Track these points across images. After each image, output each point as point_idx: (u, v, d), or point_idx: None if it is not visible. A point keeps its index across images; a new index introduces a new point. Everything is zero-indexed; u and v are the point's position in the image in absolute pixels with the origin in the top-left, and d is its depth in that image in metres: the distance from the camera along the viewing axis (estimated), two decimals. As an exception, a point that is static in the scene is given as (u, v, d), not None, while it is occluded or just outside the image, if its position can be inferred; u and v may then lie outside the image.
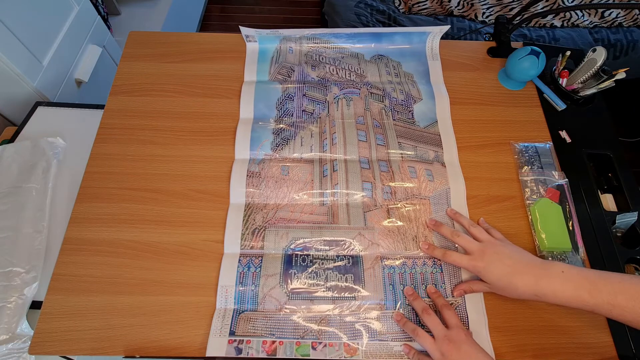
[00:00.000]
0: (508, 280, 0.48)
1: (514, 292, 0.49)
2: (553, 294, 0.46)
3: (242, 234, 0.58)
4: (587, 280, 0.45)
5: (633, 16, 1.47)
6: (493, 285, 0.50)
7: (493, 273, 0.50)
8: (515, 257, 0.50)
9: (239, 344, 0.50)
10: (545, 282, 0.47)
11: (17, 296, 0.61)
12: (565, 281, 0.46)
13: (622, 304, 0.43)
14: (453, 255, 0.54)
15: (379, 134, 0.67)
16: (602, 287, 0.44)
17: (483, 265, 0.50)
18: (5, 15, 0.85)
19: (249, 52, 0.76)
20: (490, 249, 0.51)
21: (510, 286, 0.48)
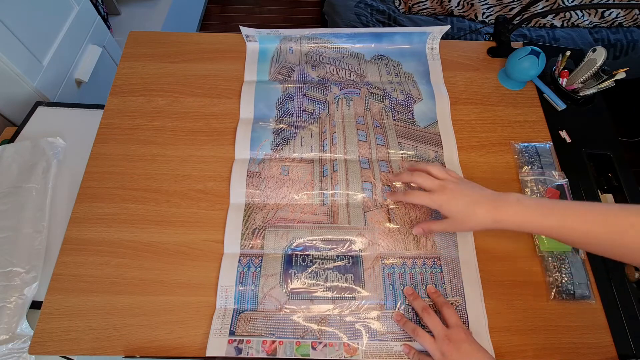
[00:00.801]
0: (469, 210, 0.50)
1: (474, 221, 0.50)
2: (509, 218, 0.48)
3: (242, 234, 0.58)
4: (541, 205, 0.47)
5: (633, 16, 1.47)
6: (453, 218, 0.51)
7: (454, 205, 0.51)
8: (474, 189, 0.52)
9: (239, 343, 0.50)
10: (503, 208, 0.48)
11: (17, 296, 0.61)
12: (520, 206, 0.48)
13: (570, 225, 0.45)
14: (414, 193, 0.55)
15: (379, 134, 0.67)
16: (554, 210, 0.46)
17: (445, 199, 0.52)
18: (5, 15, 0.85)
19: (249, 52, 0.76)
20: (450, 184, 0.53)
21: (471, 216, 0.50)
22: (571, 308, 0.55)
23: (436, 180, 0.54)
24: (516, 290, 0.56)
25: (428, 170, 0.56)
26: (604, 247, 0.45)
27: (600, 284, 0.56)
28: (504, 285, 0.56)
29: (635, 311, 0.54)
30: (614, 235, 0.43)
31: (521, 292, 0.56)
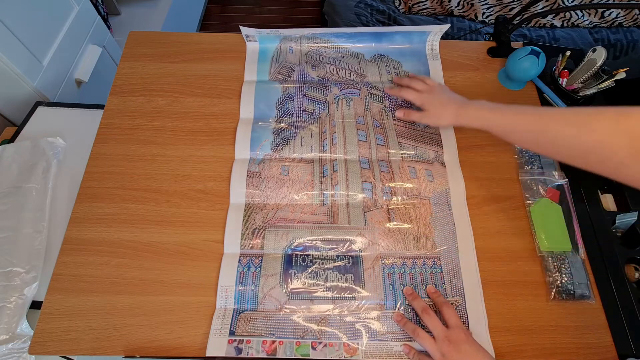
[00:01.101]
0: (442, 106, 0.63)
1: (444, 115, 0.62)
2: (468, 114, 0.59)
3: (242, 234, 0.58)
4: (495, 106, 0.57)
5: (633, 16, 1.47)
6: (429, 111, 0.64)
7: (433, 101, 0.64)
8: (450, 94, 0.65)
9: (239, 343, 0.50)
10: (466, 106, 0.60)
11: (17, 296, 0.61)
12: (479, 105, 0.58)
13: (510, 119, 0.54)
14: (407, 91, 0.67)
15: (379, 134, 0.67)
16: (503, 109, 0.55)
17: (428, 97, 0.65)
18: (5, 15, 0.85)
19: (249, 51, 0.76)
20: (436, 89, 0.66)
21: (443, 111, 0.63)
22: (571, 308, 0.55)
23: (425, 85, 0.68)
24: (516, 290, 0.56)
25: (413, 86, 0.68)
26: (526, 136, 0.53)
27: (600, 284, 0.56)
28: (504, 285, 0.56)
29: (635, 311, 0.54)
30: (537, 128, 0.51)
31: (521, 292, 0.56)
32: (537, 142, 0.52)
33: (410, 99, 0.67)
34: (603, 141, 0.45)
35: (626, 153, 0.43)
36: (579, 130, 0.46)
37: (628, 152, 0.43)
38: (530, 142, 0.53)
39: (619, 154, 0.44)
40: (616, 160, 0.44)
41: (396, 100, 0.71)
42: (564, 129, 0.48)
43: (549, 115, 0.50)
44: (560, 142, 0.49)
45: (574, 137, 0.47)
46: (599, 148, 0.45)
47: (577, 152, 0.48)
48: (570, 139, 0.47)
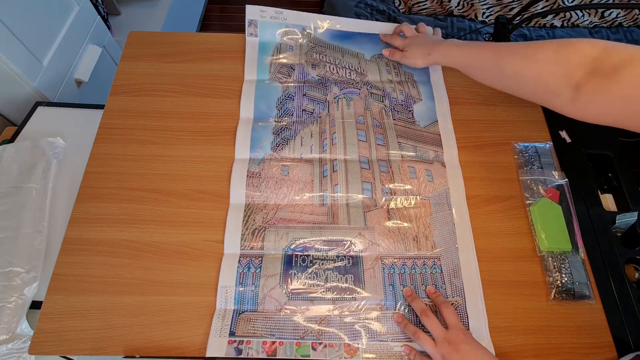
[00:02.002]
0: (414, 50, 0.69)
1: (416, 57, 0.69)
2: (436, 58, 0.65)
3: (242, 234, 0.58)
4: (463, 42, 0.61)
5: (633, 16, 1.47)
6: (406, 53, 0.71)
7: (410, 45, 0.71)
8: (424, 40, 0.69)
9: (239, 344, 0.50)
10: (433, 49, 0.65)
11: (17, 296, 0.61)
12: (445, 46, 0.64)
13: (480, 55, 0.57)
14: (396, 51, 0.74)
15: (379, 134, 0.67)
16: (466, 44, 0.61)
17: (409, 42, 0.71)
18: (5, 15, 0.85)
19: (248, 47, 0.76)
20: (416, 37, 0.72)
21: (414, 53, 0.69)
22: (571, 308, 0.55)
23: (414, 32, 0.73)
24: (516, 290, 0.56)
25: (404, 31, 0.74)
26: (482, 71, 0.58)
27: (600, 284, 0.56)
28: (504, 285, 0.56)
29: (635, 311, 0.54)
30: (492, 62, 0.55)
31: (521, 292, 0.56)
32: (493, 76, 0.56)
33: (397, 44, 0.73)
34: (545, 71, 0.47)
35: (561, 82, 0.46)
36: (526, 62, 0.49)
37: (563, 81, 0.46)
38: (488, 77, 0.57)
39: (557, 83, 0.46)
40: (554, 89, 0.47)
41: (396, 100, 0.71)
42: (514, 61, 0.51)
43: (503, 49, 0.54)
44: (511, 74, 0.52)
45: (522, 68, 0.50)
46: (542, 78, 0.48)
47: (526, 83, 0.51)
48: (520, 69, 0.51)
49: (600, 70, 0.44)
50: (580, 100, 0.45)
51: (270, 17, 0.75)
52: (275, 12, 0.75)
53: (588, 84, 0.45)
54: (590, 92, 0.44)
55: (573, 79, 0.45)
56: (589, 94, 0.45)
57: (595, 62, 0.44)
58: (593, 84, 0.44)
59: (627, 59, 0.42)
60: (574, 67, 0.45)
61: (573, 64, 0.45)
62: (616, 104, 0.43)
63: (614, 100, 0.43)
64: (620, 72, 0.42)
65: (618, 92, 0.43)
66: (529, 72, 0.50)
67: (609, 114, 0.45)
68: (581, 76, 0.45)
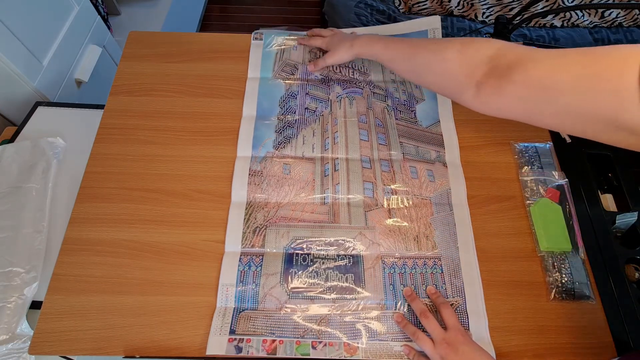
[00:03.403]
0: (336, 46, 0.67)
1: (339, 52, 0.67)
2: (359, 50, 0.64)
3: (243, 233, 0.58)
4: (384, 36, 0.62)
5: (633, 16, 1.47)
6: (329, 51, 0.69)
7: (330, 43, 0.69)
8: (344, 36, 0.68)
9: (239, 342, 0.50)
10: (355, 42, 0.64)
11: (17, 296, 0.61)
12: (367, 40, 0.63)
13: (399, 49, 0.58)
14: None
15: (381, 134, 0.67)
16: (393, 39, 0.60)
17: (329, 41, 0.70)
18: (5, 15, 0.85)
19: (253, 47, 0.76)
20: (336, 35, 0.71)
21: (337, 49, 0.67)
22: (571, 308, 0.55)
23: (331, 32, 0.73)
24: (516, 290, 0.56)
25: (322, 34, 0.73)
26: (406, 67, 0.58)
27: (600, 284, 0.56)
28: (504, 285, 0.56)
29: (635, 311, 0.54)
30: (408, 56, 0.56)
31: (521, 292, 0.56)
32: (409, 69, 0.58)
33: (317, 44, 0.72)
34: (451, 68, 0.49)
35: (465, 79, 0.48)
36: (435, 57, 0.51)
37: (466, 79, 0.47)
38: (405, 70, 0.58)
39: (461, 80, 0.48)
40: (459, 85, 0.49)
41: (399, 100, 0.71)
42: (427, 56, 0.53)
43: (418, 44, 0.56)
44: (422, 68, 0.54)
45: (432, 64, 0.52)
46: (449, 74, 0.50)
47: (436, 78, 0.53)
48: (430, 65, 0.53)
49: (497, 70, 0.45)
50: (481, 97, 0.47)
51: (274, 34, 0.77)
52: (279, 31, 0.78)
53: (487, 82, 0.46)
54: (489, 90, 0.46)
55: (474, 77, 0.47)
56: (488, 93, 0.46)
57: (492, 62, 0.46)
58: (491, 83, 0.46)
59: (519, 59, 0.44)
60: (475, 66, 0.47)
61: (474, 63, 0.47)
62: (513, 102, 0.45)
63: (511, 99, 0.45)
64: (513, 72, 0.43)
65: (513, 92, 0.44)
66: (437, 68, 0.52)
67: (509, 111, 0.47)
68: (481, 75, 0.47)
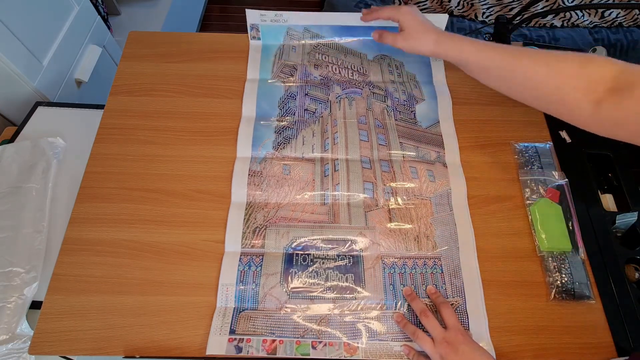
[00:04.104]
0: (419, 30, 0.59)
1: (420, 41, 0.59)
2: (446, 49, 0.58)
3: (243, 233, 0.58)
4: (473, 40, 0.56)
5: (633, 16, 1.47)
6: (406, 31, 0.60)
7: (412, 19, 0.60)
8: (428, 20, 0.61)
9: (239, 342, 0.50)
10: (443, 38, 0.58)
11: (17, 296, 0.61)
12: (457, 40, 0.57)
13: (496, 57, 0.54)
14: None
15: (381, 134, 0.67)
16: (481, 43, 0.55)
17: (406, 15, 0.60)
18: (5, 15, 0.85)
19: (252, 49, 0.76)
20: (414, 8, 0.62)
21: (419, 35, 0.59)
22: (571, 308, 0.55)
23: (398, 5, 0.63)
24: (516, 290, 0.56)
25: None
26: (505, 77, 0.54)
27: (600, 284, 0.56)
28: (504, 285, 0.56)
29: (635, 311, 0.54)
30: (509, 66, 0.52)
31: (521, 292, 0.56)
32: (506, 80, 0.54)
33: (387, 14, 0.62)
34: (567, 83, 0.48)
35: (581, 95, 0.47)
36: (549, 71, 0.49)
37: (583, 95, 0.47)
38: (501, 80, 0.55)
39: (577, 96, 0.47)
40: (573, 102, 0.48)
41: (399, 100, 0.71)
42: (535, 68, 0.50)
43: (521, 54, 0.52)
44: (529, 81, 0.51)
45: (543, 76, 0.49)
46: (563, 90, 0.48)
47: (542, 92, 0.51)
48: (540, 77, 0.50)
49: (618, 88, 0.45)
50: (598, 115, 0.47)
51: (271, 20, 0.75)
52: (275, 15, 0.75)
53: (607, 100, 0.46)
54: (608, 108, 0.46)
55: (593, 94, 0.47)
56: (607, 110, 0.46)
57: (614, 80, 0.46)
58: (611, 100, 0.46)
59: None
60: (596, 82, 0.47)
61: (594, 79, 0.47)
62: (630, 119, 0.45)
63: (629, 115, 0.45)
64: (635, 88, 0.44)
65: (633, 108, 0.44)
66: (550, 82, 0.49)
67: (624, 129, 0.47)
68: (602, 92, 0.46)
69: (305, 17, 0.75)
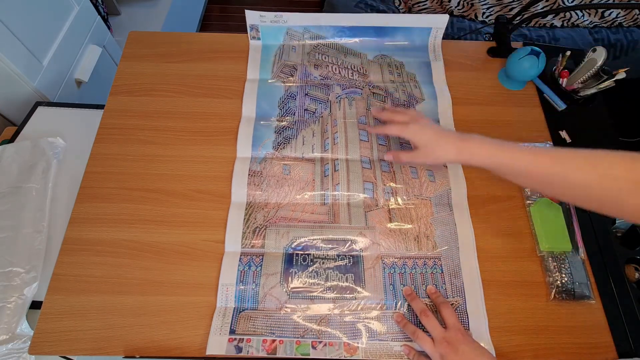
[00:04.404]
0: (436, 140, 0.55)
1: (440, 152, 0.55)
2: (473, 150, 0.53)
3: (243, 233, 0.58)
4: (499, 142, 0.52)
5: (633, 16, 1.47)
6: (422, 148, 0.56)
7: (424, 134, 0.56)
8: (440, 127, 0.58)
9: (239, 342, 0.50)
10: (468, 142, 0.53)
11: (17, 296, 0.61)
12: (484, 142, 0.53)
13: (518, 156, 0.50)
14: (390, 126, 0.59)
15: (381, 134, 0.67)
16: (511, 146, 0.51)
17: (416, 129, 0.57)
18: (5, 15, 0.85)
19: (251, 50, 0.76)
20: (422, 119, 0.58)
21: (438, 146, 0.55)
22: (571, 308, 0.55)
23: (410, 115, 0.59)
24: (516, 290, 0.56)
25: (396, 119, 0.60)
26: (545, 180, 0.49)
27: (600, 284, 0.56)
28: (504, 285, 0.56)
29: (635, 311, 0.54)
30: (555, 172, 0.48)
31: (521, 292, 0.56)
32: (551, 185, 0.50)
33: (395, 133, 0.59)
34: (615, 185, 0.45)
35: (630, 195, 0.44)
36: (596, 175, 0.46)
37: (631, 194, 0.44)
38: (544, 185, 0.51)
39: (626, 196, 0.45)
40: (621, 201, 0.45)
41: (399, 100, 0.71)
42: (586, 175, 0.47)
43: (567, 159, 0.48)
44: (580, 187, 0.47)
45: (590, 181, 0.46)
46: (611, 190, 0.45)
47: (589, 194, 0.47)
48: (587, 182, 0.47)
49: None
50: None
51: (271, 21, 0.75)
52: (275, 16, 0.75)
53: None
54: None
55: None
56: None
57: None
58: None
59: None
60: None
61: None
62: None
63: None
64: None
65: None
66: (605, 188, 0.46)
67: None
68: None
69: (305, 18, 0.75)
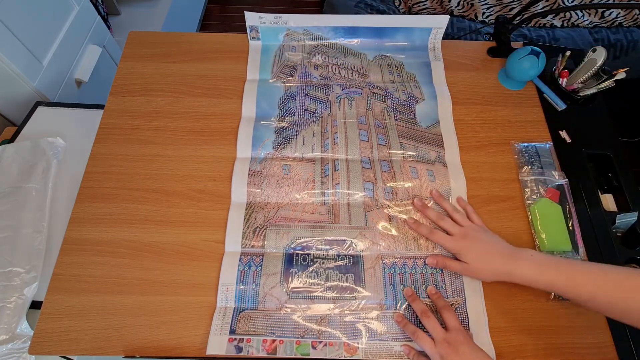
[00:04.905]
0: (484, 260, 0.54)
1: (488, 272, 0.53)
2: (522, 274, 0.51)
3: (244, 233, 0.58)
4: (552, 261, 0.50)
5: (633, 16, 1.47)
6: (470, 264, 0.54)
7: (472, 253, 0.54)
8: (492, 242, 0.55)
9: (239, 342, 0.50)
10: (517, 263, 0.51)
11: (17, 296, 0.61)
12: (533, 263, 0.51)
13: (580, 281, 0.48)
14: (438, 234, 0.57)
15: (381, 134, 0.67)
16: (565, 267, 0.49)
17: (465, 245, 0.55)
18: (5, 15, 0.85)
19: (251, 50, 0.76)
20: (471, 233, 0.56)
21: (486, 267, 0.53)
22: (571, 308, 0.55)
23: (458, 227, 0.57)
24: (516, 290, 0.56)
25: (452, 216, 0.59)
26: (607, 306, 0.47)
27: (600, 283, 0.56)
28: (504, 285, 0.56)
29: (635, 311, 0.54)
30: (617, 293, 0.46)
31: (521, 292, 0.56)
32: (613, 309, 0.48)
33: (442, 244, 0.57)
34: None
35: None
36: None
37: None
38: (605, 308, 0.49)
39: None
40: None
41: (399, 100, 0.71)
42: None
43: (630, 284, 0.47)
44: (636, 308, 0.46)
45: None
46: None
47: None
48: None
49: None
50: None
51: (270, 22, 0.75)
52: (274, 17, 0.75)
53: None
54: None
55: None
56: None
57: None
58: None
59: None
60: None
61: None
62: None
63: None
64: None
65: None
66: None
67: None
68: None
69: (304, 19, 0.76)
